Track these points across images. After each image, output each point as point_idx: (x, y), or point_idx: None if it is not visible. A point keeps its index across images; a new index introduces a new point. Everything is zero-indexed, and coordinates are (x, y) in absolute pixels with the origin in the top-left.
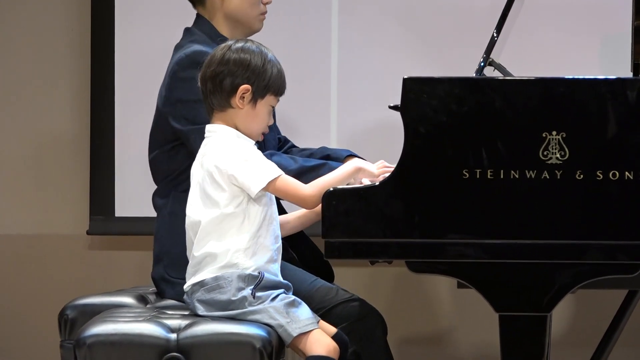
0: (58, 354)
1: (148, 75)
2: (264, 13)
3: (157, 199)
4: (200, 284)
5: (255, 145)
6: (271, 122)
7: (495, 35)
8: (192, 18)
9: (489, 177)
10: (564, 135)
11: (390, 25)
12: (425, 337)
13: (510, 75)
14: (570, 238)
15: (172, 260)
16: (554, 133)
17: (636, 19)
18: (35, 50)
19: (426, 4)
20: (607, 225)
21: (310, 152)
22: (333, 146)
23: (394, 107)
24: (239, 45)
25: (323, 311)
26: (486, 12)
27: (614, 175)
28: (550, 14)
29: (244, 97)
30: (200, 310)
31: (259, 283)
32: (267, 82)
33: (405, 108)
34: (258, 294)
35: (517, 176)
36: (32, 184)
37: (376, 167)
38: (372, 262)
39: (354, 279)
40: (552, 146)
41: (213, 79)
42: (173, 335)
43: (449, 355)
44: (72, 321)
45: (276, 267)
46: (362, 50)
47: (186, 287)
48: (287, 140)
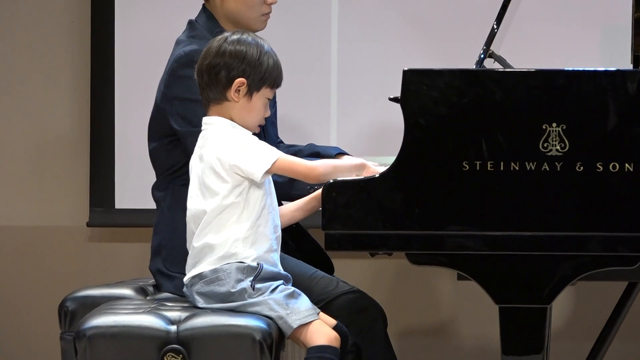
0: (58, 346)
1: (148, 67)
2: (267, 14)
3: (156, 192)
4: (199, 277)
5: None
6: (268, 114)
7: (495, 27)
8: (193, 10)
9: (489, 169)
10: (564, 127)
11: (390, 17)
12: (425, 329)
13: (510, 67)
14: (570, 230)
15: (171, 254)
16: (554, 125)
17: (636, 11)
18: (36, 42)
19: None
20: (607, 217)
21: (297, 149)
22: (333, 138)
23: (394, 99)
24: (235, 37)
25: (323, 303)
26: (486, 4)
27: (614, 167)
28: (551, 6)
29: (239, 90)
30: (200, 302)
31: (258, 274)
32: (263, 74)
33: (405, 100)
34: (257, 285)
35: (517, 168)
36: (32, 175)
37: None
38: (372, 254)
39: (354, 271)
40: (552, 138)
41: (209, 72)
42: (173, 327)
43: (449, 347)
44: (72, 313)
45: (275, 256)
46: (362, 42)
47: (185, 279)
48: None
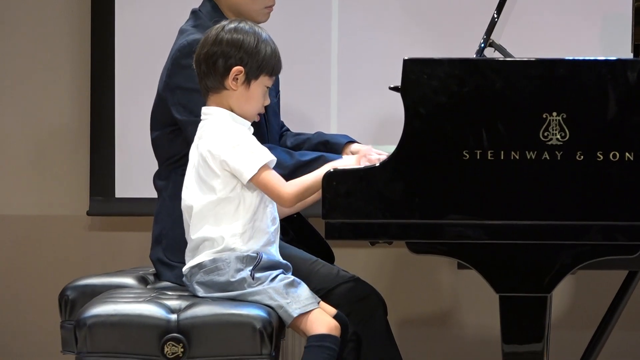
0: (58, 335)
1: (148, 57)
2: (271, 6)
3: (157, 181)
4: (198, 266)
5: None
6: (267, 102)
7: (495, 16)
8: (193, 1)
9: (489, 158)
10: (565, 116)
11: (390, 6)
12: (426, 318)
13: (511, 56)
14: (570, 219)
15: (171, 243)
16: (555, 114)
17: (637, 0)
18: (36, 33)
19: None
20: (607, 206)
21: (305, 138)
22: (333, 128)
23: (394, 89)
24: (233, 25)
25: (323, 292)
26: None
27: (614, 156)
28: None
29: (237, 79)
30: (200, 292)
31: (257, 264)
32: (261, 62)
33: (405, 89)
34: (257, 274)
35: (517, 157)
36: (32, 165)
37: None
38: (372, 243)
39: (354, 260)
40: (553, 127)
41: (206, 60)
42: (173, 316)
43: (449, 335)
44: (72, 302)
45: (274, 248)
46: (362, 32)
47: (185, 269)
48: (282, 124)
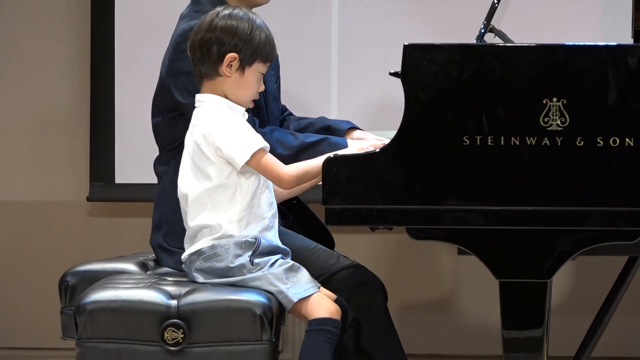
0: (58, 320)
1: (148, 42)
2: None
3: (158, 166)
4: (197, 253)
5: (245, 113)
6: (261, 88)
7: (495, 1)
8: None
9: (489, 143)
10: (565, 102)
11: None
12: (426, 304)
13: (511, 41)
14: (571, 205)
15: (171, 228)
16: (555, 100)
17: None
18: (36, 17)
19: None
20: (608, 192)
21: (308, 122)
22: (334, 113)
23: (395, 74)
24: (227, 12)
25: (323, 277)
26: None
27: (614, 141)
28: None
29: (231, 65)
30: (200, 279)
31: (256, 249)
32: (255, 49)
33: (405, 75)
34: (256, 260)
35: (517, 143)
36: (32, 150)
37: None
38: (372, 229)
39: (354, 246)
40: (553, 113)
41: (201, 47)
42: (173, 302)
43: (449, 321)
44: (72, 288)
45: (272, 234)
46: (362, 17)
47: (184, 257)
48: (285, 108)
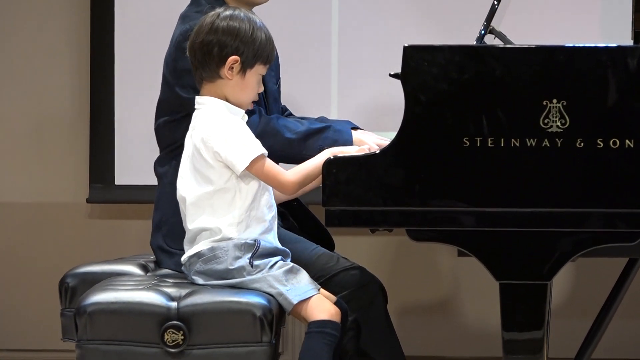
0: (58, 322)
1: (148, 43)
2: None
3: (158, 167)
4: (197, 255)
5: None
6: (261, 89)
7: (495, 2)
8: None
9: (489, 145)
10: (565, 104)
11: None
12: (426, 305)
13: (511, 43)
14: (571, 206)
15: (171, 230)
16: (555, 101)
17: None
18: (35, 18)
19: None
20: (608, 194)
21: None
22: (334, 114)
23: (395, 75)
24: (228, 13)
25: (323, 279)
26: None
27: (614, 143)
28: None
29: (232, 68)
30: (199, 281)
31: (256, 251)
32: (256, 51)
33: (405, 76)
34: (256, 262)
35: (517, 144)
36: (32, 151)
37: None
38: (372, 231)
39: (354, 248)
40: (553, 114)
41: (202, 49)
42: (173, 304)
43: (449, 323)
44: (72, 289)
45: (272, 235)
46: (362, 18)
47: (183, 259)
48: (285, 109)
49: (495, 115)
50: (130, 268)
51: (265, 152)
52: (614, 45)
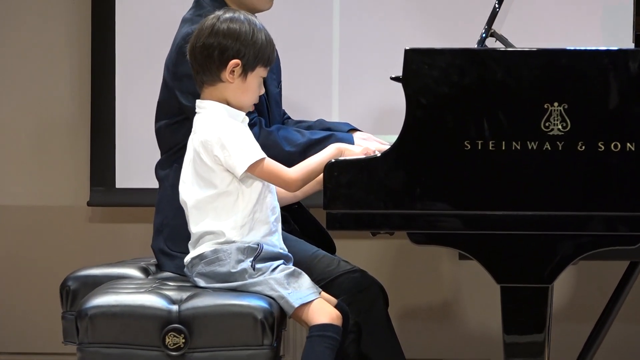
0: (59, 325)
1: (149, 46)
2: None
3: (159, 170)
4: (199, 257)
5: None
6: (262, 92)
7: (497, 6)
8: None
9: (490, 148)
10: (566, 107)
11: None
12: (427, 309)
13: (512, 46)
14: (572, 209)
15: (172, 232)
16: (556, 104)
17: None
18: (36, 22)
19: None
20: (609, 197)
21: (307, 125)
22: (335, 117)
23: (396, 79)
24: (228, 15)
25: (324, 282)
26: None
27: (615, 146)
28: None
29: (234, 72)
30: (201, 283)
31: (258, 255)
32: (257, 53)
33: (406, 79)
34: (258, 265)
35: (518, 147)
36: (33, 155)
37: (360, 150)
38: (373, 234)
39: (355, 251)
40: (554, 117)
41: (202, 52)
42: (175, 307)
43: (450, 326)
44: (73, 292)
45: (276, 237)
46: (363, 21)
47: (186, 260)
48: (284, 113)
49: (496, 118)
50: (131, 271)
51: (264, 155)
52: (615, 48)
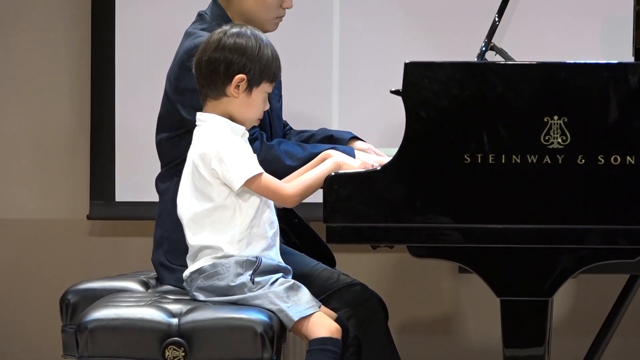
0: (59, 339)
1: (149, 59)
2: (281, 17)
3: (159, 183)
4: (198, 272)
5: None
6: (267, 107)
7: (496, 19)
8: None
9: (490, 162)
10: (566, 120)
11: (392, 9)
12: (427, 322)
13: (512, 59)
14: (572, 223)
15: (172, 246)
16: (556, 118)
17: (637, 4)
18: (36, 34)
19: None
20: (609, 210)
21: (310, 134)
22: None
23: (396, 92)
24: (235, 30)
25: (324, 296)
26: None
27: (615, 160)
28: None
29: (239, 86)
30: (201, 298)
31: (257, 268)
32: (263, 69)
33: (406, 93)
34: (257, 279)
35: (518, 161)
36: (32, 168)
37: (358, 164)
38: (373, 247)
39: (355, 264)
40: (554, 131)
41: (208, 67)
42: (174, 320)
43: (450, 340)
44: (73, 306)
45: (274, 252)
46: (363, 35)
47: (185, 275)
48: (285, 123)
49: (496, 131)
50: (131, 284)
51: (262, 170)
52: (615, 62)
